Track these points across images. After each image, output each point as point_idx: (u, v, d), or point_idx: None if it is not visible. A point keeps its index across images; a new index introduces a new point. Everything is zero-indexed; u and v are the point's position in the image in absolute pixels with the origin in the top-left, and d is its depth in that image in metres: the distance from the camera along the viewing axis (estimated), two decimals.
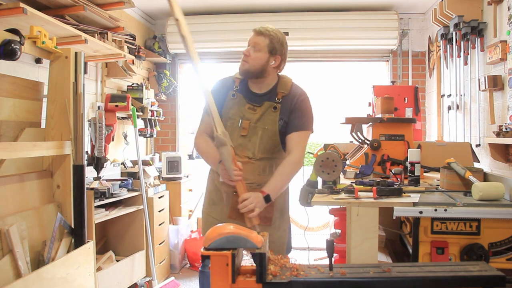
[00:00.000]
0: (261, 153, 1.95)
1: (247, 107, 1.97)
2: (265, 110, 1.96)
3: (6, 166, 1.98)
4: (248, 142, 1.95)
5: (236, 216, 1.92)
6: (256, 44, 1.93)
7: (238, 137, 1.95)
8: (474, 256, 1.63)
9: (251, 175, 1.93)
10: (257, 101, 1.98)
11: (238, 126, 1.95)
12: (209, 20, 4.20)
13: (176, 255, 3.72)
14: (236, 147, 1.92)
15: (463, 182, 2.00)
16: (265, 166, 1.97)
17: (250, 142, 1.95)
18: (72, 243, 2.18)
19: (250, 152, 1.95)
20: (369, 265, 1.45)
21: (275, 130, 1.95)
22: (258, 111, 1.96)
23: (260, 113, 1.96)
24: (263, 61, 1.93)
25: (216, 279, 1.25)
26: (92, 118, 2.73)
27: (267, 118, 1.95)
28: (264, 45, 1.92)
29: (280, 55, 1.96)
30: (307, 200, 1.89)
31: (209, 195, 2.08)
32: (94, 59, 3.10)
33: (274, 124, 1.95)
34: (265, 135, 1.95)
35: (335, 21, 4.12)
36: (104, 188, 2.73)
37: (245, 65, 1.94)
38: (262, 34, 1.93)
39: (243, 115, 1.96)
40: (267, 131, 1.95)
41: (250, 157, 1.94)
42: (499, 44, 2.68)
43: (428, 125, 4.27)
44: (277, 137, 1.96)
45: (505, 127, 2.55)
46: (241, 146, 1.95)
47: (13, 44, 1.82)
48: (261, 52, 1.93)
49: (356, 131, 2.60)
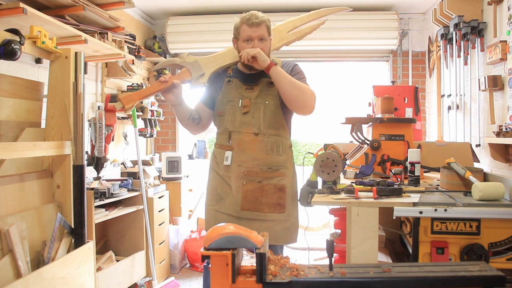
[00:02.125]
0: (266, 127, 1.95)
1: (244, 88, 2.00)
2: (263, 87, 1.98)
3: (6, 166, 1.98)
4: (251, 119, 1.95)
5: (250, 206, 1.94)
6: (261, 36, 1.93)
7: (240, 116, 1.96)
8: (474, 256, 1.63)
9: (259, 154, 1.93)
10: (252, 81, 2.00)
11: (239, 106, 1.96)
12: (209, 20, 4.20)
13: (176, 255, 3.72)
14: (240, 126, 1.95)
15: (463, 182, 2.00)
16: (273, 145, 1.97)
17: (253, 118, 1.95)
18: (72, 243, 2.18)
19: (255, 127, 1.94)
20: (369, 265, 1.45)
21: (277, 104, 1.96)
22: (256, 89, 1.98)
23: (258, 90, 1.98)
24: (270, 47, 1.99)
25: (216, 279, 1.25)
26: (92, 118, 2.73)
27: (267, 93, 1.97)
28: (265, 33, 1.95)
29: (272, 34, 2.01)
30: (307, 200, 1.89)
31: (214, 191, 2.04)
32: (94, 59, 3.10)
33: (274, 98, 1.96)
34: (268, 109, 1.96)
35: (335, 21, 4.11)
36: (104, 188, 2.73)
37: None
38: (260, 23, 1.93)
39: (242, 96, 1.98)
40: (269, 105, 1.96)
41: (256, 133, 1.94)
42: (499, 44, 2.68)
43: (428, 125, 4.27)
44: (279, 111, 1.97)
45: (505, 127, 2.55)
46: (245, 124, 1.95)
47: (13, 44, 1.82)
48: (267, 40, 1.96)
49: (356, 131, 2.60)
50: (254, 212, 1.94)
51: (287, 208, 1.98)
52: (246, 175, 1.94)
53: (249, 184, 1.93)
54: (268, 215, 1.94)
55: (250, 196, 1.93)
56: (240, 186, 1.94)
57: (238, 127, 1.95)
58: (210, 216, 2.05)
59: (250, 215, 1.94)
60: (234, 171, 1.95)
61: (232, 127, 1.96)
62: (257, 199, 1.94)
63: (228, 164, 1.95)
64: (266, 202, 1.95)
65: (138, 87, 3.85)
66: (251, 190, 1.94)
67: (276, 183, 1.96)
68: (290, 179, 2.01)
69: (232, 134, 1.96)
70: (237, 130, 1.95)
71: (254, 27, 1.92)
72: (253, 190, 1.94)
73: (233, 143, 1.95)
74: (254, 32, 1.92)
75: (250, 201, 1.93)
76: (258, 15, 1.94)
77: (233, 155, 1.95)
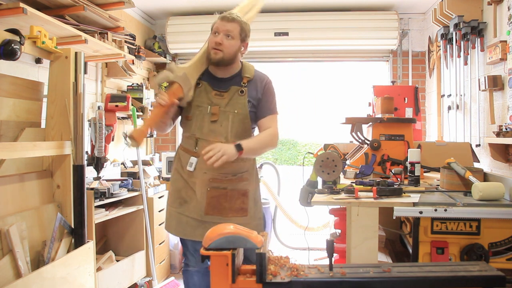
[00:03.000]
0: (233, 137, 1.93)
1: (213, 94, 1.97)
2: (233, 95, 1.96)
3: (6, 166, 1.98)
4: (219, 127, 1.94)
5: (213, 212, 1.94)
6: (229, 32, 1.92)
7: (208, 124, 1.94)
8: (474, 256, 1.63)
9: (226, 163, 1.86)
10: (222, 87, 1.98)
11: (208, 113, 1.94)
12: (209, 20, 4.16)
13: (176, 255, 3.72)
14: (208, 134, 1.93)
15: (463, 182, 2.00)
16: None
17: (221, 127, 1.94)
18: (72, 243, 2.18)
19: (222, 137, 1.93)
20: (369, 265, 1.45)
21: (245, 113, 1.96)
22: (226, 96, 1.96)
23: (228, 98, 1.96)
24: (236, 49, 1.95)
25: (216, 279, 1.25)
26: (92, 118, 2.73)
27: (236, 102, 1.96)
28: (237, 33, 1.94)
29: (247, 41, 2.01)
30: (307, 200, 1.89)
31: (177, 193, 2.02)
32: (94, 59, 3.09)
33: (244, 108, 1.96)
34: (236, 119, 1.95)
35: (335, 21, 4.12)
36: (104, 188, 2.72)
37: (219, 53, 1.92)
38: (235, 21, 1.93)
39: (211, 102, 1.96)
40: (237, 114, 1.95)
41: (223, 142, 1.91)
42: (499, 44, 2.68)
43: (428, 125, 4.27)
44: (248, 120, 1.98)
45: (505, 127, 2.55)
46: (212, 132, 1.93)
47: (13, 44, 1.82)
48: (235, 40, 1.94)
49: (356, 131, 2.60)
50: (218, 216, 1.94)
51: (249, 212, 2.00)
52: (211, 182, 1.94)
53: (213, 191, 1.94)
54: (232, 219, 1.94)
55: (214, 202, 1.94)
56: (205, 192, 1.94)
57: (206, 134, 1.93)
58: (173, 218, 2.03)
59: (214, 219, 1.93)
60: (199, 177, 1.94)
61: (199, 134, 1.95)
62: (221, 205, 1.95)
63: (191, 170, 1.94)
64: (229, 207, 1.96)
65: (138, 87, 3.85)
66: (216, 196, 1.94)
67: (240, 188, 1.98)
68: (253, 183, 2.04)
69: (199, 141, 1.94)
70: (204, 138, 1.94)
71: (224, 21, 1.93)
72: (218, 196, 1.95)
73: (199, 150, 1.91)
74: (222, 26, 1.92)
75: (214, 207, 1.94)
76: (233, 13, 1.96)
77: (198, 161, 1.93)
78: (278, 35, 4.17)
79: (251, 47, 4.52)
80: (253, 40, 4.68)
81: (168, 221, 2.07)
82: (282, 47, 4.37)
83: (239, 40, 1.95)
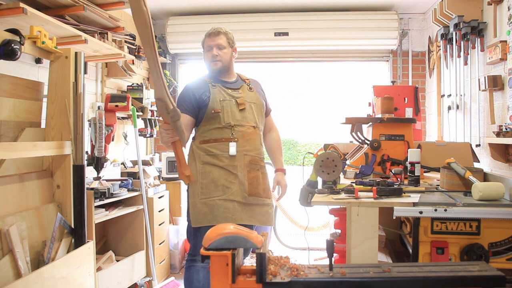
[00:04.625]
0: (259, 123, 2.26)
1: (230, 91, 2.23)
2: (245, 91, 2.27)
3: (6, 166, 1.98)
4: (248, 114, 2.21)
5: (254, 191, 2.15)
6: (219, 45, 2.21)
7: (238, 113, 2.18)
8: (474, 256, 1.63)
9: (258, 144, 2.22)
10: (234, 86, 2.27)
11: (234, 104, 2.19)
12: (209, 20, 4.20)
13: (176, 255, 3.72)
14: (241, 120, 2.18)
15: (463, 182, 2.00)
16: (261, 136, 2.29)
17: (249, 114, 2.21)
18: (72, 243, 2.18)
19: (252, 122, 2.21)
20: (369, 265, 1.45)
21: (261, 104, 2.29)
22: (241, 91, 2.26)
23: (243, 93, 2.26)
24: (230, 55, 2.26)
25: (216, 279, 1.25)
26: (92, 118, 2.73)
27: (250, 96, 2.27)
28: (225, 42, 2.23)
29: (235, 46, 2.31)
30: (307, 200, 1.89)
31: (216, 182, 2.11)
32: (94, 59, 3.09)
33: (258, 99, 2.28)
34: (256, 108, 2.26)
35: (335, 21, 4.12)
36: (104, 188, 2.72)
37: (218, 64, 2.22)
38: (220, 33, 2.22)
39: (232, 96, 2.21)
40: (256, 105, 2.26)
41: (254, 126, 2.21)
42: (499, 44, 2.68)
43: (428, 125, 4.27)
44: (264, 110, 2.32)
45: (505, 127, 2.55)
46: (245, 119, 2.19)
47: (13, 44, 1.82)
48: (226, 48, 2.24)
49: (356, 131, 2.60)
50: (256, 197, 2.16)
51: (271, 193, 2.30)
52: (250, 163, 2.16)
53: (252, 172, 2.16)
54: (264, 200, 2.20)
55: (254, 182, 2.15)
56: (246, 174, 2.14)
57: (240, 121, 2.16)
58: (217, 207, 2.08)
59: (253, 200, 2.15)
60: (240, 160, 2.13)
61: (234, 121, 2.16)
62: (258, 184, 2.18)
63: (233, 154, 2.11)
64: (263, 187, 2.21)
65: (138, 87, 3.85)
66: (255, 177, 2.16)
67: (265, 171, 2.28)
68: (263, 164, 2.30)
69: (234, 127, 2.15)
70: (239, 123, 2.16)
71: (212, 37, 2.22)
72: (255, 176, 2.17)
73: (237, 135, 2.14)
74: (212, 41, 2.22)
75: (255, 187, 2.15)
76: (216, 27, 2.24)
77: (238, 145, 2.14)
78: (278, 35, 4.17)
79: (251, 47, 4.54)
80: (253, 40, 4.70)
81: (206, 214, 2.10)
82: (282, 47, 4.38)
83: (230, 47, 2.25)
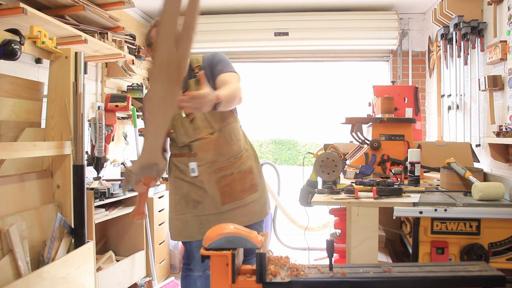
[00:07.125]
0: (217, 122, 1.93)
1: None
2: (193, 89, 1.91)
3: (6, 166, 1.98)
4: (200, 122, 1.92)
5: (229, 199, 1.94)
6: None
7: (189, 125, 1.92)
8: (474, 256, 1.63)
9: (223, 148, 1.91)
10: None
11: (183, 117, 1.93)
12: (209, 20, 4.20)
13: (176, 255, 3.72)
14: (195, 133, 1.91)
15: (463, 182, 2.00)
16: (229, 135, 1.96)
17: (201, 121, 1.92)
18: (72, 243, 2.18)
19: (207, 128, 1.92)
20: (369, 265, 1.45)
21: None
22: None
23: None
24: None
25: (216, 279, 1.25)
26: (92, 118, 2.73)
27: None
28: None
29: None
30: (307, 200, 1.89)
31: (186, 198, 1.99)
32: (94, 59, 3.09)
33: None
34: None
35: (335, 21, 4.12)
36: (104, 188, 2.72)
37: None
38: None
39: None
40: None
41: (212, 132, 1.92)
42: (499, 44, 2.68)
43: (428, 125, 4.27)
44: None
45: (505, 127, 2.55)
46: (197, 130, 1.92)
47: (13, 44, 1.82)
48: None
49: (356, 131, 2.60)
50: (234, 202, 1.96)
51: (259, 185, 2.03)
52: (218, 172, 1.93)
53: (223, 180, 1.93)
54: (247, 199, 1.97)
55: (227, 189, 1.94)
56: (215, 185, 1.93)
57: (193, 135, 1.92)
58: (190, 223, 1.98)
59: (232, 206, 1.95)
60: (205, 174, 1.93)
61: (187, 138, 1.93)
62: (234, 189, 1.95)
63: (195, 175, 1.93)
64: (242, 189, 1.97)
65: (138, 87, 3.85)
66: (228, 184, 1.94)
67: (245, 167, 1.99)
68: (252, 156, 2.05)
69: (191, 145, 1.94)
70: (193, 138, 1.93)
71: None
72: (229, 183, 1.94)
73: (195, 149, 1.93)
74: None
75: (229, 194, 1.94)
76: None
77: (198, 159, 1.93)
78: (278, 35, 4.17)
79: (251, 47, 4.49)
80: (253, 40, 4.69)
81: (181, 230, 2.01)
82: (282, 47, 4.38)
83: None
